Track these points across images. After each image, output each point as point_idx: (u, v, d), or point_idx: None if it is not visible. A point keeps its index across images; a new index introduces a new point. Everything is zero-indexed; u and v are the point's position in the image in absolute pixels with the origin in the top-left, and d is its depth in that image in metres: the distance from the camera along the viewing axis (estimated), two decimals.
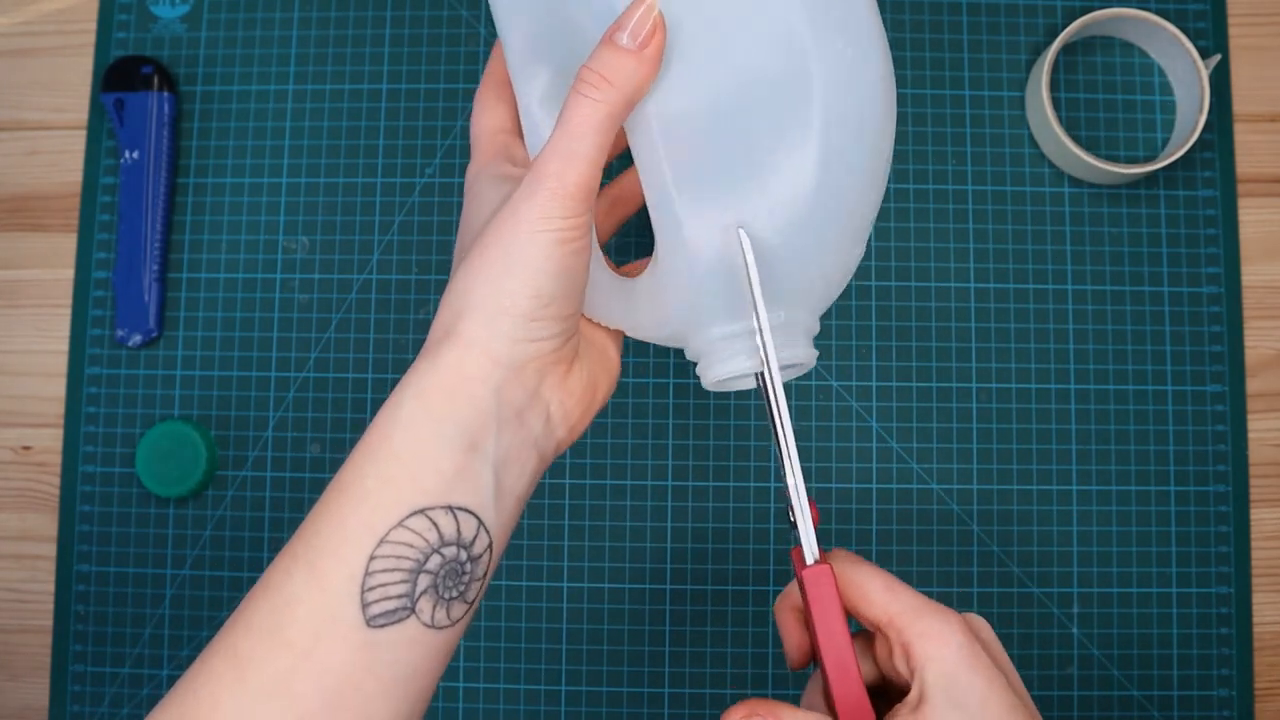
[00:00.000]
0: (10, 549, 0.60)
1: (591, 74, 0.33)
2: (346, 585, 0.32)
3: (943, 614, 0.36)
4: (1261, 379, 0.59)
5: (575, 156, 0.33)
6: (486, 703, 0.57)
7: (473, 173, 0.40)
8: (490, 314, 0.34)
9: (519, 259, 0.34)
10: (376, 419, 0.34)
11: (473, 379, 0.34)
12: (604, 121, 0.33)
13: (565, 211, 0.34)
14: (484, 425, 0.34)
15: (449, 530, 0.33)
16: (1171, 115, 0.60)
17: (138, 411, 0.60)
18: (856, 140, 0.36)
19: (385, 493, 0.33)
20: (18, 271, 0.61)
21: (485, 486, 0.34)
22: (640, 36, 0.33)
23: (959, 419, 0.58)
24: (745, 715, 0.35)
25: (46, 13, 0.63)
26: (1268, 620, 0.57)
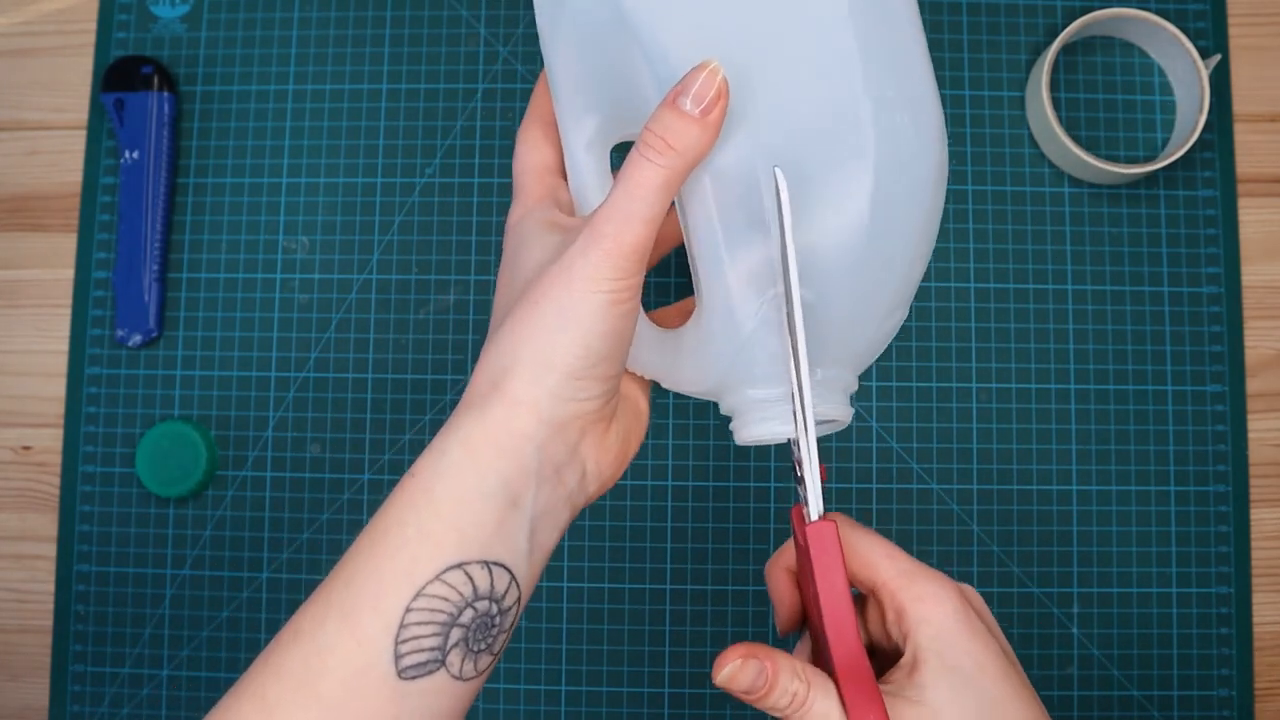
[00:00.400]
0: (10, 549, 0.60)
1: (654, 137, 0.33)
2: (381, 636, 0.32)
3: (938, 579, 0.37)
4: (1261, 379, 0.59)
5: (633, 218, 0.33)
6: (486, 703, 0.57)
7: (517, 215, 0.39)
8: (539, 371, 0.34)
9: (571, 318, 0.33)
10: (418, 466, 0.34)
11: (518, 435, 0.34)
12: (664, 185, 0.33)
13: (620, 273, 0.33)
14: (525, 482, 0.34)
15: (483, 585, 0.33)
16: (1171, 115, 0.60)
17: (138, 411, 0.60)
18: (907, 208, 0.36)
19: (424, 545, 0.33)
20: (18, 271, 0.61)
21: (520, 541, 0.34)
22: (704, 102, 0.33)
23: (959, 419, 0.58)
24: (744, 655, 0.35)
25: (46, 13, 0.63)
26: (1268, 620, 0.57)
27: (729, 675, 0.35)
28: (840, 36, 0.35)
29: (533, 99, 0.42)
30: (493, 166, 0.61)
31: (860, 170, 0.35)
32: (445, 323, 0.60)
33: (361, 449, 0.59)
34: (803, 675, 0.35)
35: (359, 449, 0.59)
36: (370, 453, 0.59)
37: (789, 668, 0.35)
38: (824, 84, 0.35)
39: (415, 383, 0.59)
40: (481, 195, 0.60)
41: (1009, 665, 0.36)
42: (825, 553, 0.35)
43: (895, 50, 0.37)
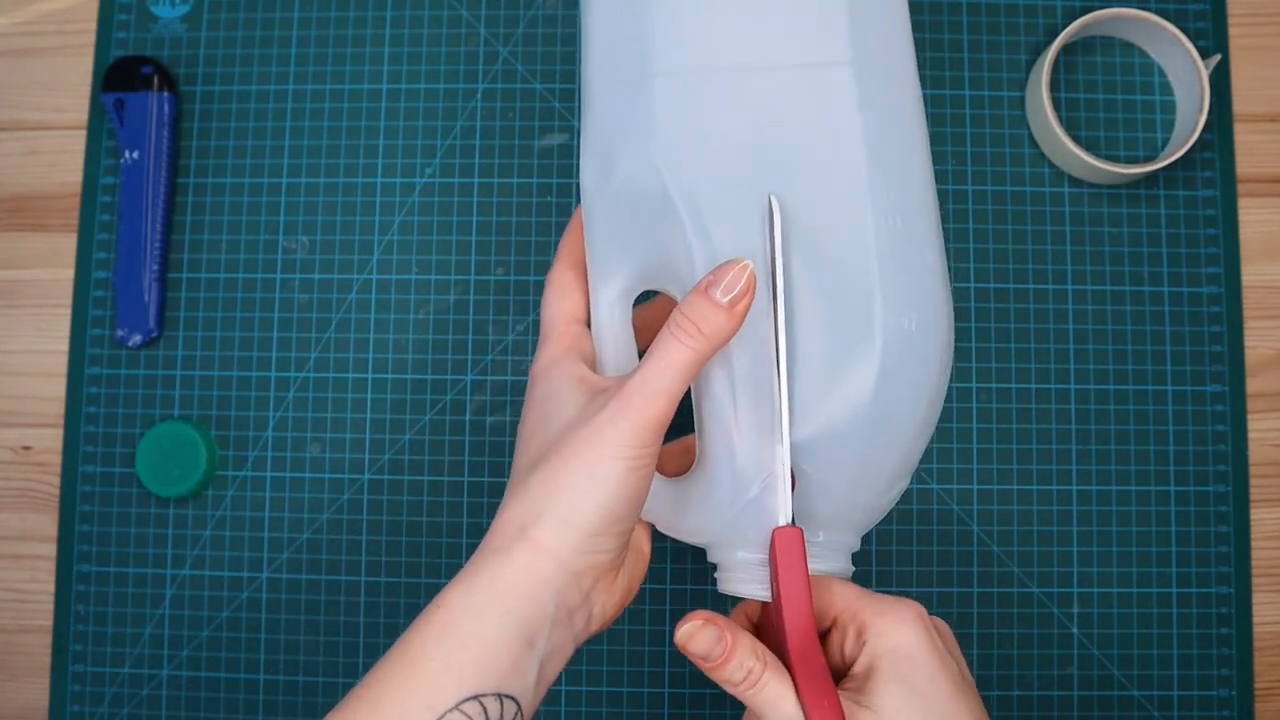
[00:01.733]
0: (10, 549, 0.60)
1: (686, 321, 0.37)
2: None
3: (900, 600, 0.39)
4: (1261, 379, 0.59)
5: (660, 393, 0.36)
6: None
7: (545, 363, 0.42)
8: (563, 526, 0.37)
9: (597, 481, 0.36)
10: (444, 599, 0.37)
11: (540, 582, 0.37)
12: (690, 365, 0.37)
13: (643, 442, 0.36)
14: (541, 624, 0.37)
15: (494, 715, 0.36)
16: (1171, 115, 0.60)
17: (138, 411, 0.60)
18: (910, 398, 0.39)
19: (447, 677, 0.35)
20: (18, 271, 0.61)
21: (531, 676, 0.37)
22: (733, 294, 0.36)
23: (959, 419, 0.58)
24: (705, 619, 0.37)
25: (46, 13, 0.63)
26: (1268, 620, 0.57)
27: (687, 634, 0.38)
28: (861, 243, 0.38)
29: (563, 240, 0.45)
30: (493, 166, 0.61)
31: (866, 366, 0.38)
32: (445, 323, 0.60)
33: (361, 449, 0.59)
34: (760, 655, 0.37)
35: (359, 449, 0.59)
36: (370, 453, 0.59)
37: (748, 645, 0.37)
38: (843, 291, 0.38)
39: (415, 383, 0.59)
40: (481, 195, 0.60)
41: (965, 687, 0.38)
42: (790, 553, 0.37)
43: (909, 257, 0.39)
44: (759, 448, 0.39)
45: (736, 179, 0.39)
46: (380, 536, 0.58)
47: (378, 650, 0.57)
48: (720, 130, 0.39)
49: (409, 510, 0.58)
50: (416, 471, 0.59)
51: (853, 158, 0.38)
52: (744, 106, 0.39)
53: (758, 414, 0.38)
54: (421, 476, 0.59)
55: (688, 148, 0.39)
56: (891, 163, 0.39)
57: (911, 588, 0.57)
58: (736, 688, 0.37)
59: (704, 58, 0.39)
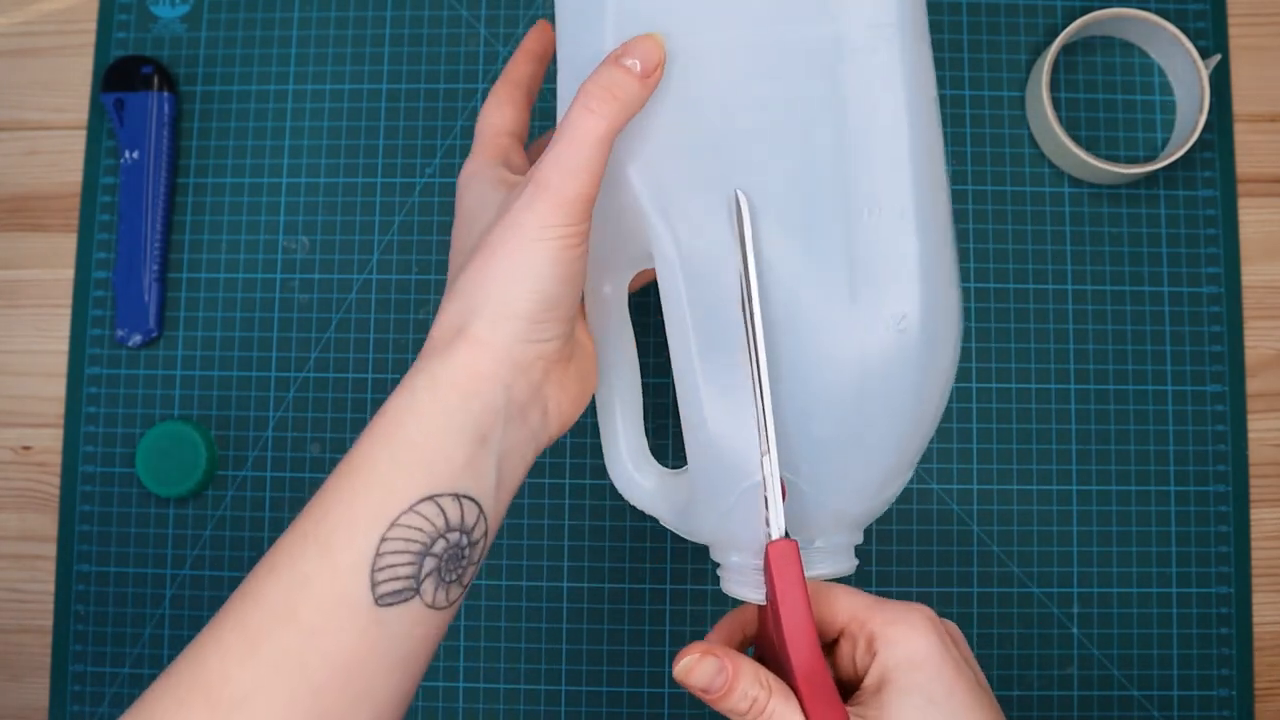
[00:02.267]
0: (10, 549, 0.60)
1: (598, 88, 0.35)
2: (358, 565, 0.33)
3: (911, 605, 0.37)
4: (1261, 379, 0.59)
5: (577, 168, 0.35)
6: (487, 703, 0.57)
7: (469, 171, 0.41)
8: (499, 317, 0.35)
9: (525, 265, 0.35)
10: (386, 407, 0.35)
11: (484, 376, 0.35)
12: (605, 135, 0.35)
13: (567, 219, 0.35)
14: (493, 420, 0.35)
15: (454, 517, 0.34)
16: (1171, 115, 0.60)
17: (138, 411, 0.60)
18: (901, 401, 0.38)
19: (397, 478, 0.34)
20: (18, 271, 0.61)
21: (488, 477, 0.35)
22: (646, 63, 0.36)
23: (959, 419, 0.58)
24: (703, 651, 0.36)
25: (46, 13, 0.63)
26: (1268, 620, 0.57)
27: (685, 668, 0.36)
28: (845, 236, 0.37)
29: (510, 60, 0.44)
30: None
31: (847, 372, 0.37)
32: None
33: None
34: (764, 682, 0.35)
35: None
36: None
37: (751, 672, 0.35)
38: (820, 277, 0.37)
39: None
40: None
41: (982, 694, 0.36)
42: (786, 569, 0.36)
43: (904, 253, 0.38)
44: (737, 451, 0.37)
45: (710, 171, 0.37)
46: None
47: None
48: (687, 120, 0.37)
49: None
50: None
51: (849, 142, 0.36)
52: (717, 89, 0.37)
53: (734, 416, 0.37)
54: None
55: (650, 141, 0.37)
56: (903, 151, 0.37)
57: (911, 588, 0.57)
58: (742, 717, 0.35)
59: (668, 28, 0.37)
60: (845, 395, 0.37)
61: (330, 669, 0.33)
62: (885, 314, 0.37)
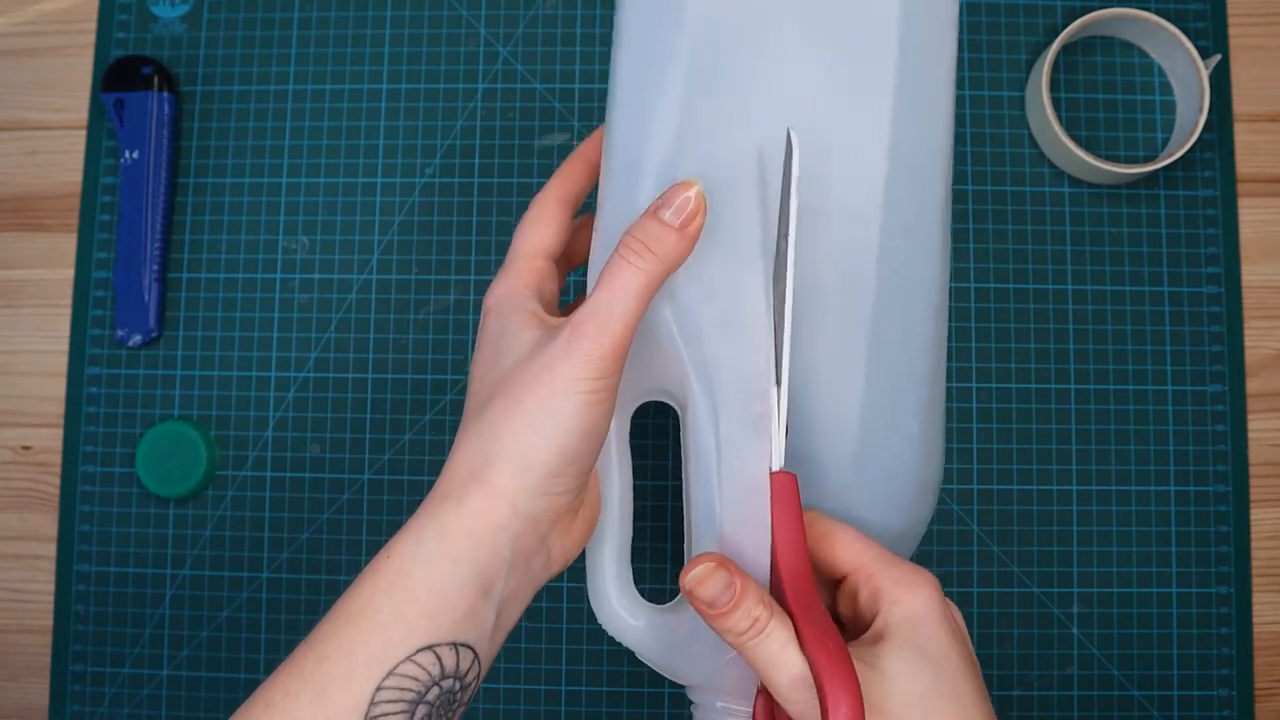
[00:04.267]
0: (10, 549, 0.60)
1: (636, 242, 0.35)
2: (351, 713, 0.33)
3: (917, 570, 0.37)
4: (1261, 379, 0.59)
5: (613, 319, 0.35)
6: (486, 703, 0.57)
7: (500, 294, 0.40)
8: (518, 467, 0.35)
9: (552, 418, 0.35)
10: (395, 549, 0.35)
11: (495, 527, 0.35)
12: (643, 288, 0.35)
13: (599, 373, 0.35)
14: (497, 571, 0.35)
15: (450, 665, 0.35)
16: (1171, 115, 0.60)
17: (138, 411, 0.60)
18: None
19: (398, 628, 0.34)
20: (18, 271, 0.61)
21: (488, 624, 0.35)
22: (683, 215, 0.35)
23: (959, 419, 0.58)
24: (717, 563, 0.35)
25: (46, 13, 0.63)
26: (1268, 620, 0.57)
27: (697, 577, 0.35)
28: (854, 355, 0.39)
29: (563, 167, 0.43)
30: (493, 166, 0.61)
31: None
32: (445, 323, 0.60)
33: (361, 449, 0.59)
34: (768, 604, 0.35)
35: (359, 449, 0.59)
36: (370, 453, 0.59)
37: (756, 592, 0.35)
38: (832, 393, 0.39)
39: (415, 383, 0.59)
40: (481, 195, 0.60)
41: (975, 670, 0.37)
42: (785, 501, 0.36)
43: (888, 423, 0.40)
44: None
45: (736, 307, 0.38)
46: (380, 537, 0.58)
47: None
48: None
49: (409, 510, 0.58)
50: (416, 471, 0.59)
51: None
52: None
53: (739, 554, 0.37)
54: (421, 476, 0.59)
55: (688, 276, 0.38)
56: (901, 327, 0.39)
57: None
58: (740, 637, 0.34)
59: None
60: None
61: None
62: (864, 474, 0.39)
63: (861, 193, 0.38)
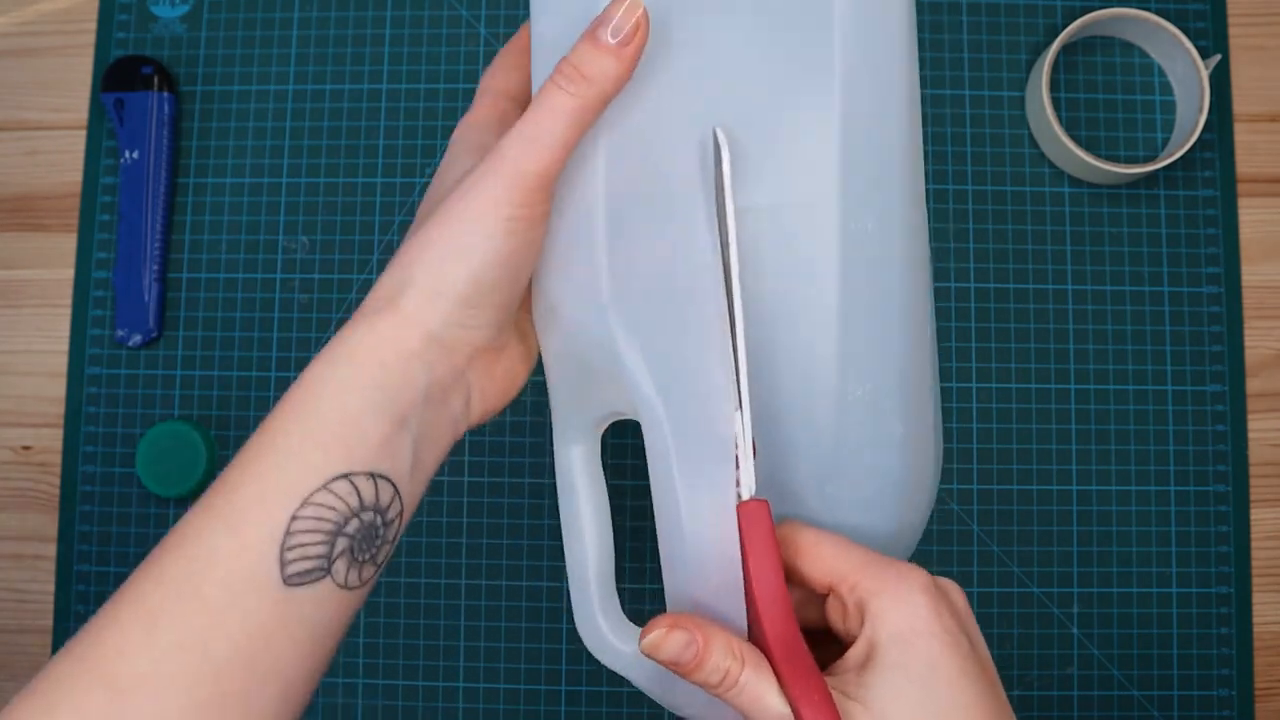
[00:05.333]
0: (10, 549, 0.60)
1: (569, 67, 0.33)
2: (266, 544, 0.32)
3: (904, 569, 0.34)
4: (1261, 379, 0.59)
5: (538, 143, 0.33)
6: (486, 703, 0.57)
7: (464, 126, 0.39)
8: (431, 294, 0.34)
9: (464, 243, 0.33)
10: (305, 376, 0.34)
11: (407, 354, 0.34)
12: (574, 113, 0.33)
13: (519, 199, 0.33)
14: (412, 400, 0.34)
15: (369, 496, 0.33)
16: (1171, 115, 0.60)
17: (138, 411, 0.60)
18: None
19: (311, 455, 0.33)
20: (18, 271, 0.61)
21: (405, 457, 0.34)
22: (622, 34, 0.33)
23: (959, 419, 0.58)
24: (669, 625, 0.33)
25: (46, 13, 0.63)
26: (1268, 620, 0.57)
27: (653, 643, 0.33)
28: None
29: (521, 30, 0.41)
30: None
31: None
32: None
33: None
34: (736, 652, 0.33)
35: None
36: None
37: (722, 644, 0.33)
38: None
39: None
40: None
41: (976, 669, 0.34)
42: (757, 532, 0.34)
43: (863, 426, 0.38)
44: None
45: (692, 322, 0.35)
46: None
47: (377, 650, 0.57)
48: (672, 270, 0.35)
49: None
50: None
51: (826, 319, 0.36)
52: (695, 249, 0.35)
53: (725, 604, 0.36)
54: None
55: (636, 291, 0.35)
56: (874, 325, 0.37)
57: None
58: (715, 690, 0.33)
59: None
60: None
61: (235, 648, 0.31)
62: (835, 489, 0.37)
63: (814, 184, 0.35)
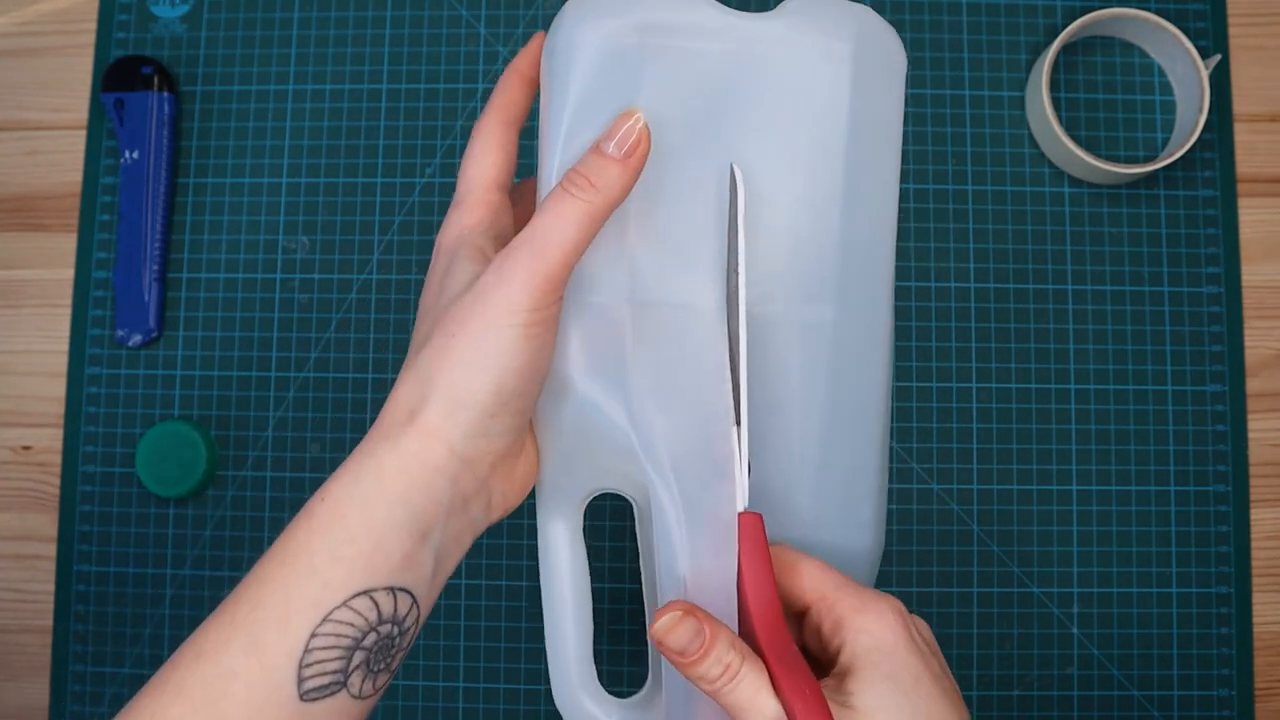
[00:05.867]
0: (10, 549, 0.60)
1: (578, 175, 0.34)
2: (286, 660, 0.32)
3: (879, 593, 0.36)
4: (1261, 379, 0.59)
5: (549, 246, 0.34)
6: (487, 703, 0.57)
7: (452, 236, 0.38)
8: (453, 406, 0.34)
9: (485, 353, 0.34)
10: (328, 491, 0.34)
11: (432, 469, 0.34)
12: (582, 218, 0.34)
13: (533, 303, 0.33)
14: (436, 514, 0.34)
15: (388, 610, 0.34)
16: (1171, 115, 0.60)
17: (138, 411, 0.60)
18: None
19: (334, 571, 0.33)
20: (18, 271, 0.61)
21: (426, 568, 0.35)
22: (626, 146, 0.35)
23: (959, 419, 0.58)
24: (684, 610, 0.34)
25: (46, 13, 0.63)
26: (1268, 620, 0.57)
27: (665, 626, 0.34)
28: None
29: (496, 91, 0.40)
30: None
31: None
32: None
33: None
34: (739, 649, 0.34)
35: None
36: None
37: (727, 638, 0.34)
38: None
39: None
40: None
41: (949, 688, 0.36)
42: (751, 543, 0.35)
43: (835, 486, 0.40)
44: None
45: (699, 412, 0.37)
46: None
47: None
48: (682, 366, 0.37)
49: None
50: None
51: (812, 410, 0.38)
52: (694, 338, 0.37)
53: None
54: None
55: (652, 383, 0.37)
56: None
57: (911, 588, 0.57)
58: (714, 684, 0.34)
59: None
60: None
61: None
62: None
63: (814, 280, 0.38)
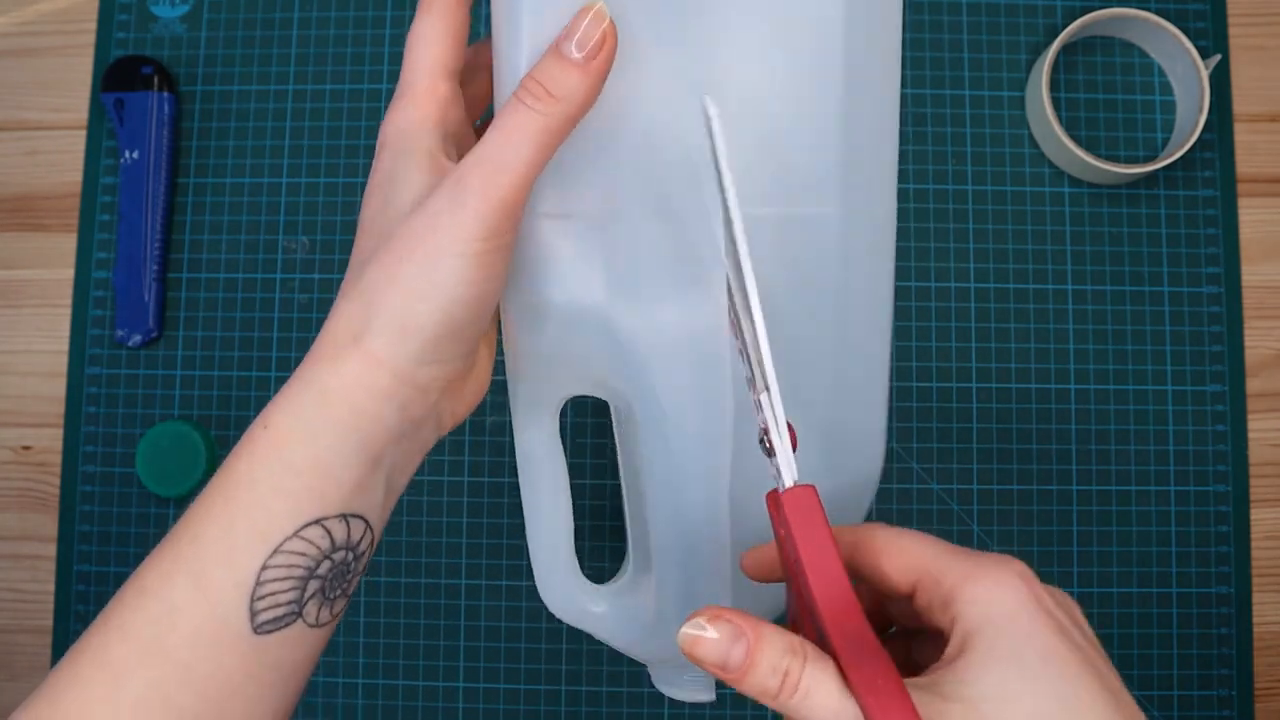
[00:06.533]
0: (10, 549, 0.60)
1: (534, 84, 0.31)
2: (234, 594, 0.31)
3: (996, 558, 0.29)
4: (1261, 379, 0.59)
5: (505, 168, 0.31)
6: (487, 703, 0.57)
7: (396, 129, 0.34)
8: (399, 332, 0.32)
9: (436, 282, 0.31)
10: (271, 417, 0.33)
11: (381, 396, 0.32)
12: (540, 134, 0.31)
13: (486, 232, 0.31)
14: (385, 440, 0.33)
15: (341, 537, 0.32)
16: (1171, 115, 0.60)
17: (138, 411, 0.60)
18: None
19: (280, 502, 0.31)
20: (18, 271, 0.61)
21: (378, 493, 0.33)
22: (588, 47, 0.30)
23: (959, 419, 0.58)
24: (712, 616, 0.28)
25: (46, 13, 0.63)
26: (1268, 620, 0.57)
27: (691, 639, 0.28)
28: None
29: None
30: None
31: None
32: None
33: None
34: (797, 649, 0.27)
35: None
36: None
37: (777, 640, 0.27)
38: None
39: None
40: None
41: (1101, 666, 0.29)
42: (806, 519, 0.29)
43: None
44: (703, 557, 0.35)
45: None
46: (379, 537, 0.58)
47: (377, 650, 0.57)
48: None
49: (409, 510, 0.58)
50: (416, 472, 0.59)
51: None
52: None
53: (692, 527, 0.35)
54: (421, 477, 0.58)
55: (639, 275, 0.34)
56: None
57: None
58: (775, 699, 0.27)
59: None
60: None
61: (203, 701, 0.30)
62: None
63: (815, 183, 0.34)
